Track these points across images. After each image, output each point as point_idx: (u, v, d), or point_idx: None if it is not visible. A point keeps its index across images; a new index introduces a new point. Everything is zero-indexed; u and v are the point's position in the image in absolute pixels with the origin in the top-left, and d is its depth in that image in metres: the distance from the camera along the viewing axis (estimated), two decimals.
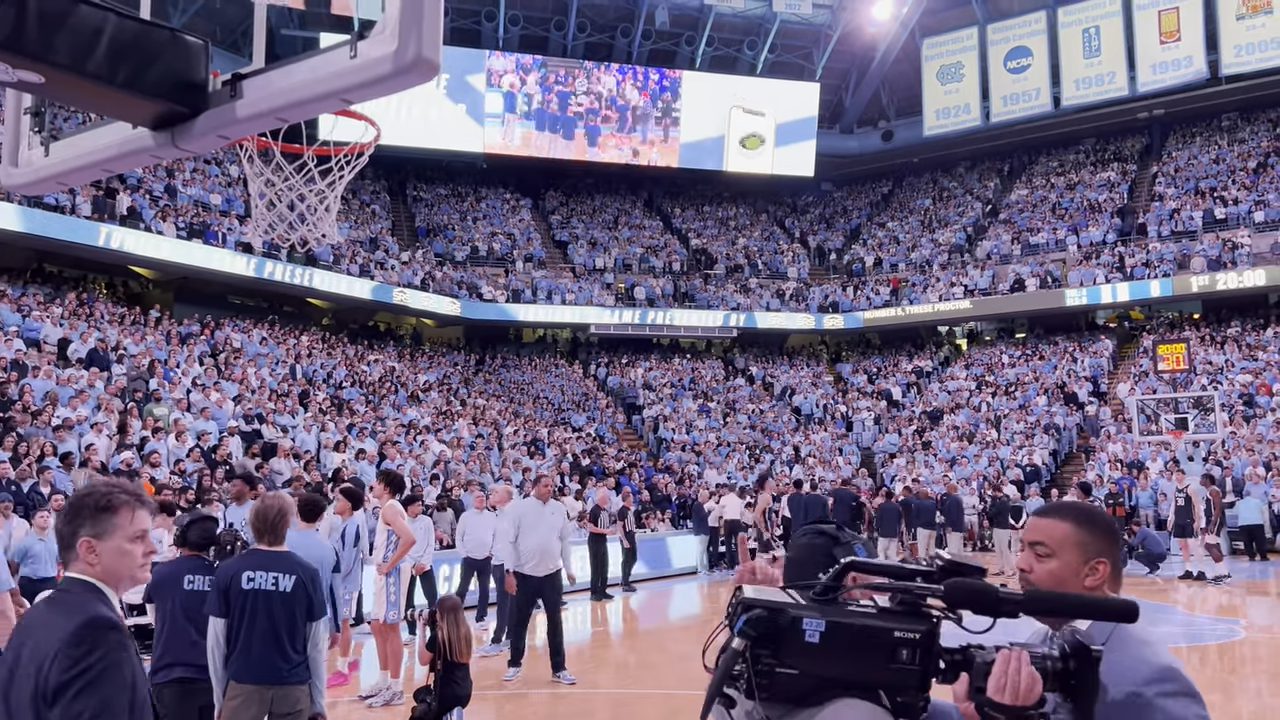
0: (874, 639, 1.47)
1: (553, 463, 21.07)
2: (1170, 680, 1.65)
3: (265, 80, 2.89)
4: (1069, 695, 1.48)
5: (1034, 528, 1.88)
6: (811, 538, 1.85)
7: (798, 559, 1.83)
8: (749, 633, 1.45)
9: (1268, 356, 25.82)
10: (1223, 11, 31.85)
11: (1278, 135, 33.73)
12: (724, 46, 37.57)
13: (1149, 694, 1.64)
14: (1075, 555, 1.82)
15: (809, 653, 1.46)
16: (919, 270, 34.43)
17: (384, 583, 8.21)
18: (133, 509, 2.19)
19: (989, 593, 1.50)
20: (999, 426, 26.45)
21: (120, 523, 2.17)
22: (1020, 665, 1.45)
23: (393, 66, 2.59)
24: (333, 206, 4.54)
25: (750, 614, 1.46)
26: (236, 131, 3.03)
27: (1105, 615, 1.56)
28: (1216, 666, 9.53)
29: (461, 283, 30.65)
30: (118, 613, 2.12)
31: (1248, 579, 16.00)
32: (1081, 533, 1.84)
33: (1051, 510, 1.91)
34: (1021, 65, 35.23)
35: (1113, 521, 1.94)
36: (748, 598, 1.49)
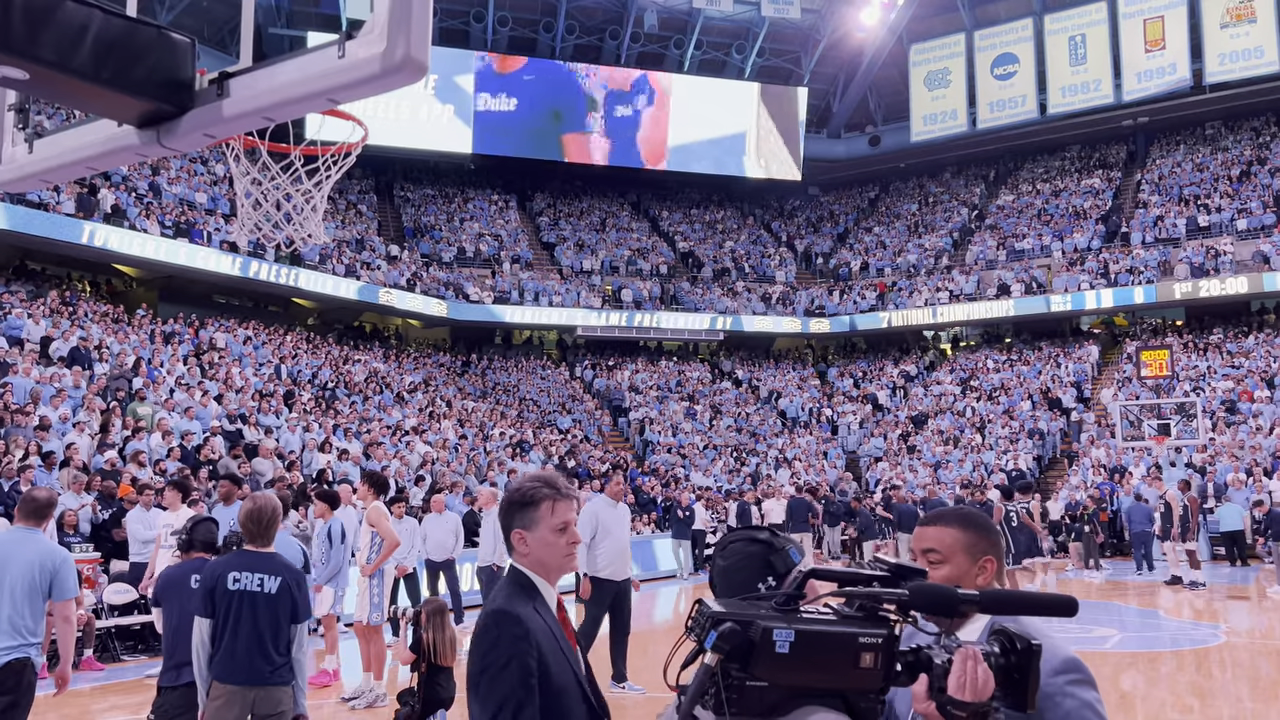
0: (840, 646, 1.48)
1: (538, 465, 21.03)
2: (1076, 670, 1.79)
3: (252, 79, 2.87)
4: (1009, 688, 1.52)
5: (924, 536, 1.98)
6: (746, 545, 1.81)
7: (734, 566, 1.80)
8: (723, 647, 1.43)
9: (1250, 363, 26.03)
10: (1207, 20, 32.12)
11: (1260, 144, 34.04)
12: (712, 50, 37.64)
13: (1059, 683, 1.76)
14: (965, 558, 1.94)
15: (779, 664, 1.45)
16: (905, 275, 34.56)
17: (367, 584, 8.18)
18: (554, 501, 2.33)
19: (949, 594, 1.53)
20: (983, 431, 26.57)
21: (542, 515, 2.32)
22: (976, 663, 1.49)
23: (381, 67, 2.58)
24: (319, 206, 4.51)
25: (722, 628, 1.44)
26: (223, 131, 3.01)
27: (1050, 611, 1.59)
28: (1196, 671, 9.59)
29: (448, 284, 30.58)
30: (547, 601, 2.28)
31: (1228, 584, 16.12)
32: (968, 536, 1.95)
33: (937, 518, 2.00)
34: (1008, 72, 35.43)
35: (992, 523, 2.04)
36: (717, 611, 1.47)
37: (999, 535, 2.03)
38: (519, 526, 2.33)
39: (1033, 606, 1.62)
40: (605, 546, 8.01)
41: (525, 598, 2.27)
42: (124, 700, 8.29)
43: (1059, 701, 1.76)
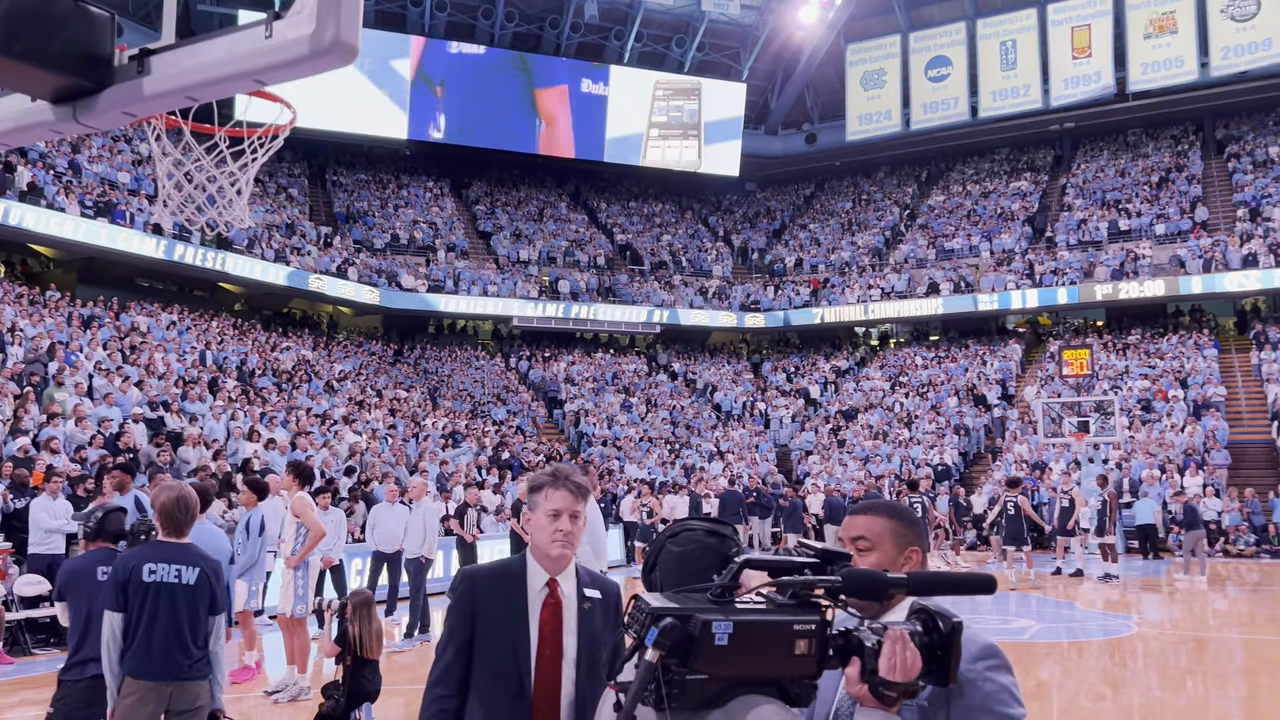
0: (776, 634, 1.50)
1: (470, 456, 20.87)
2: (994, 656, 1.85)
3: (175, 57, 2.79)
4: (933, 664, 1.56)
5: (853, 524, 2.04)
6: (704, 535, 1.86)
7: (691, 554, 1.83)
8: (664, 643, 1.44)
9: (1165, 364, 26.98)
10: (1131, 30, 33.11)
11: (1179, 151, 35.24)
12: (652, 43, 37.64)
13: (980, 668, 1.82)
14: (893, 546, 2.00)
15: (718, 656, 1.46)
16: (839, 272, 35.05)
17: (292, 576, 8.03)
18: (550, 489, 2.56)
19: (880, 579, 1.57)
20: (911, 426, 27.10)
21: (539, 500, 2.56)
22: (905, 645, 1.53)
23: (309, 49, 2.52)
24: (245, 189, 4.40)
25: (663, 624, 1.44)
26: (143, 109, 2.92)
27: (973, 590, 1.65)
28: (1109, 660, 9.92)
29: (381, 271, 30.12)
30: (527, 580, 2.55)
31: (1141, 576, 16.71)
32: (896, 525, 2.02)
33: (867, 508, 2.08)
34: (941, 74, 36.09)
35: (919, 517, 2.12)
36: (657, 607, 1.47)
37: (925, 529, 2.10)
38: (528, 508, 2.61)
39: (957, 587, 1.65)
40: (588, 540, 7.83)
41: (503, 569, 2.59)
42: (36, 695, 8.01)
43: (979, 685, 1.82)
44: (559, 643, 2.49)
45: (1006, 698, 1.83)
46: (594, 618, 2.57)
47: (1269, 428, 23.46)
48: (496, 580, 2.57)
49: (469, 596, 2.53)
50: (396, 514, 11.60)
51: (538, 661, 2.45)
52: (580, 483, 2.59)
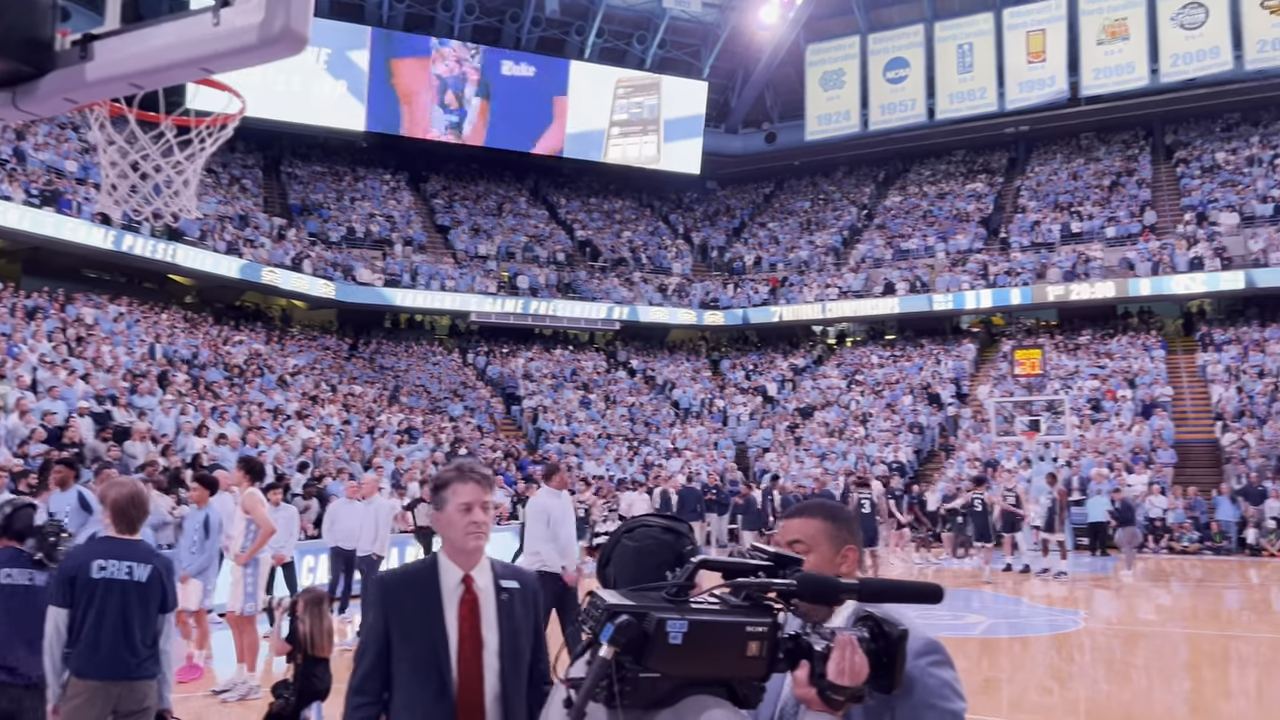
0: (729, 635, 1.50)
1: (427, 452, 20.70)
2: (936, 652, 1.89)
3: (119, 43, 2.72)
4: (878, 671, 1.58)
5: (790, 528, 2.06)
6: (660, 532, 1.86)
7: (647, 549, 1.83)
8: (619, 640, 1.44)
9: (1114, 364, 27.52)
10: (1085, 36, 33.70)
11: (1129, 156, 35.95)
12: (613, 39, 37.59)
13: (922, 664, 1.86)
14: (829, 547, 2.02)
15: (672, 655, 1.46)
16: (797, 271, 35.28)
17: (241, 573, 7.91)
18: (458, 484, 2.56)
19: (833, 584, 1.59)
20: (867, 424, 27.37)
21: (448, 496, 2.56)
22: (854, 649, 1.55)
23: (258, 37, 2.47)
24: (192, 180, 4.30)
25: (619, 620, 1.44)
26: (85, 96, 2.85)
27: (920, 599, 1.67)
28: (1056, 655, 10.10)
29: (336, 264, 29.75)
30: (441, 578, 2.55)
31: (1089, 572, 17.03)
32: (831, 526, 2.05)
33: (801, 510, 2.10)
34: (900, 76, 36.45)
35: (851, 514, 2.18)
36: (613, 604, 1.47)
37: (858, 526, 2.14)
38: (435, 508, 2.60)
39: (905, 595, 1.67)
40: (563, 539, 7.74)
41: (416, 570, 2.61)
42: None
43: (923, 681, 1.85)
44: (479, 637, 2.51)
45: (949, 692, 1.88)
46: (513, 608, 2.58)
47: (1213, 427, 24.03)
48: (409, 582, 2.58)
49: (382, 602, 2.53)
50: (355, 510, 11.48)
51: (459, 658, 2.47)
52: (486, 473, 2.61)
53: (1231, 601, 14.15)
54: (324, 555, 13.13)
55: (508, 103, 35.16)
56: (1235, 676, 9.15)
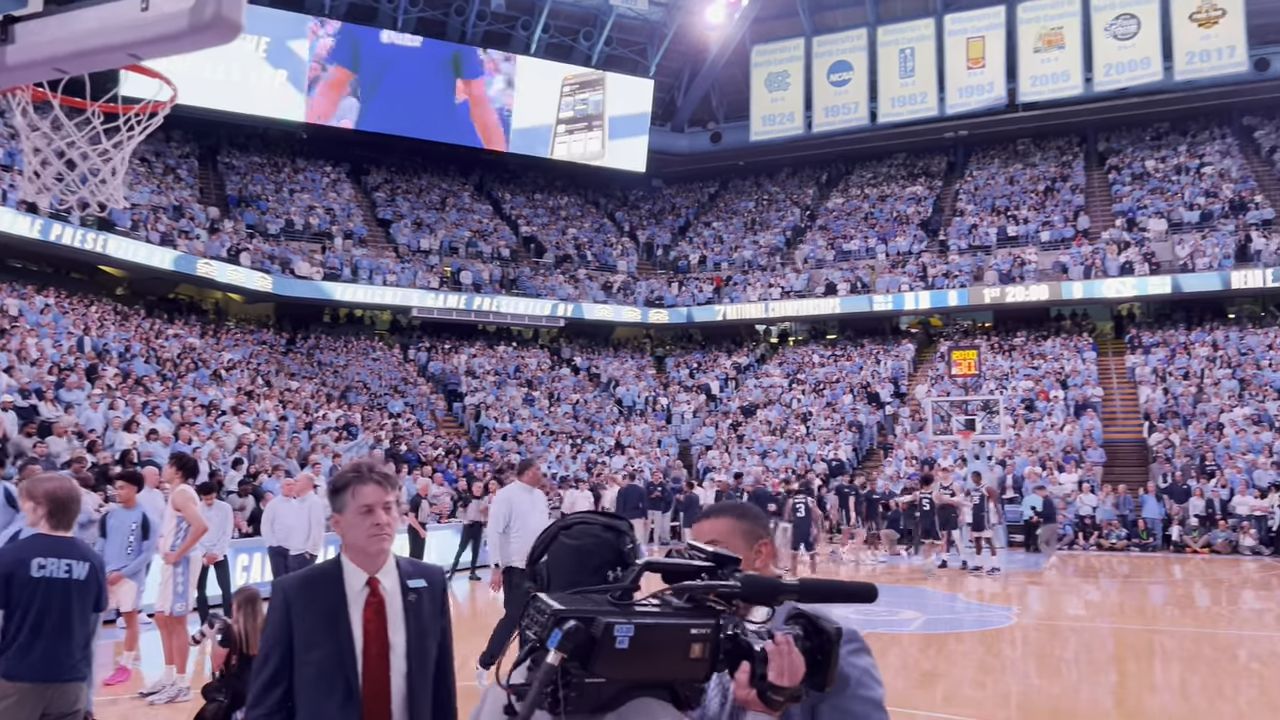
0: (674, 638, 1.49)
1: (366, 449, 20.42)
2: (854, 640, 1.91)
3: (42, 26, 2.63)
4: (812, 669, 1.58)
5: (703, 529, 2.09)
6: (601, 530, 1.82)
7: (588, 549, 1.79)
8: (567, 645, 1.40)
9: (1047, 365, 28.19)
10: (1022, 43, 34.44)
11: (1064, 162, 36.85)
12: (560, 34, 37.44)
13: (842, 653, 1.85)
14: (744, 543, 2.04)
15: (618, 659, 1.44)
16: (741, 270, 35.52)
17: (171, 572, 7.72)
18: (357, 486, 2.48)
19: (776, 585, 1.57)
20: (808, 422, 27.67)
21: (347, 499, 2.49)
22: (792, 649, 1.55)
23: (189, 23, 2.41)
24: (119, 168, 4.16)
25: (567, 626, 1.41)
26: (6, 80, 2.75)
27: (856, 598, 1.68)
28: (989, 650, 10.31)
29: (274, 257, 29.19)
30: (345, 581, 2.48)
31: (1022, 569, 17.42)
32: (743, 523, 2.08)
33: (712, 512, 2.13)
34: (843, 79, 36.88)
35: (761, 511, 2.21)
36: (559, 609, 1.43)
37: (768, 521, 2.18)
38: (334, 511, 2.53)
39: (842, 595, 1.67)
40: (519, 535, 7.68)
41: (318, 574, 2.53)
42: None
43: (844, 671, 1.87)
44: (385, 640, 2.45)
45: (868, 679, 1.91)
46: (421, 608, 2.53)
47: (1141, 427, 24.74)
48: (311, 587, 2.49)
49: (283, 609, 2.45)
50: (293, 508, 11.27)
51: (364, 662, 2.42)
52: (387, 473, 2.54)
53: (1156, 597, 14.59)
54: (259, 554, 12.89)
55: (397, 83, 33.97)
56: (1159, 670, 9.43)
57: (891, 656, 9.53)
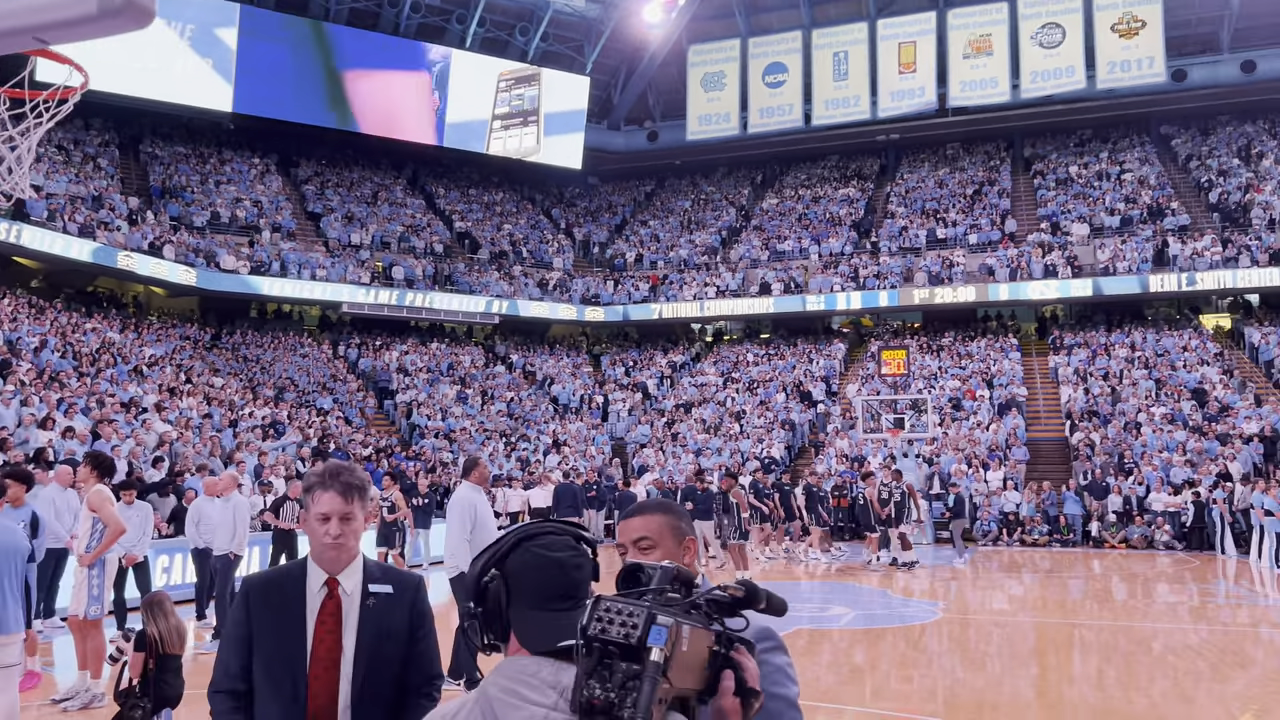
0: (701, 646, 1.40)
1: (293, 447, 20.01)
2: (770, 639, 1.95)
3: None
4: None
5: (631, 527, 2.11)
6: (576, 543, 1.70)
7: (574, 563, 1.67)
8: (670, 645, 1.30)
9: (974, 365, 28.83)
10: (952, 49, 35.16)
11: (991, 166, 37.72)
12: (495, 29, 37.14)
13: (758, 651, 1.83)
14: (672, 540, 2.07)
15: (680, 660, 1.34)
16: (677, 269, 35.65)
17: (85, 575, 7.45)
18: (317, 491, 2.48)
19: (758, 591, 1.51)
20: (741, 420, 27.89)
21: (310, 503, 2.49)
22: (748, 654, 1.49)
23: (98, 7, 2.31)
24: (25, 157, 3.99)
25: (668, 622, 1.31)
26: None
27: (775, 611, 1.60)
28: (916, 645, 10.50)
29: (199, 250, 28.42)
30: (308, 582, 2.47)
31: (948, 565, 17.77)
32: (671, 519, 2.10)
33: (640, 509, 2.16)
34: (778, 81, 37.23)
35: (682, 508, 2.25)
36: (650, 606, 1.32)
37: (689, 518, 2.21)
38: (303, 509, 2.58)
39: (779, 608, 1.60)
40: (479, 538, 7.38)
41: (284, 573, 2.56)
42: None
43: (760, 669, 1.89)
44: (337, 643, 2.44)
45: (781, 677, 1.94)
46: (380, 613, 2.50)
47: (1063, 426, 25.45)
48: (275, 585, 2.51)
49: (244, 605, 2.48)
50: (217, 507, 10.98)
51: (312, 663, 2.41)
52: (352, 481, 2.49)
53: (1076, 591, 15.01)
54: (180, 555, 12.56)
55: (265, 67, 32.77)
56: (1078, 662, 9.70)
57: (822, 652, 9.65)
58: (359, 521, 2.50)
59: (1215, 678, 8.58)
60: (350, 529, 2.48)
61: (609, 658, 1.31)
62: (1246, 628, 11.63)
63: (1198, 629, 11.31)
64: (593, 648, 1.32)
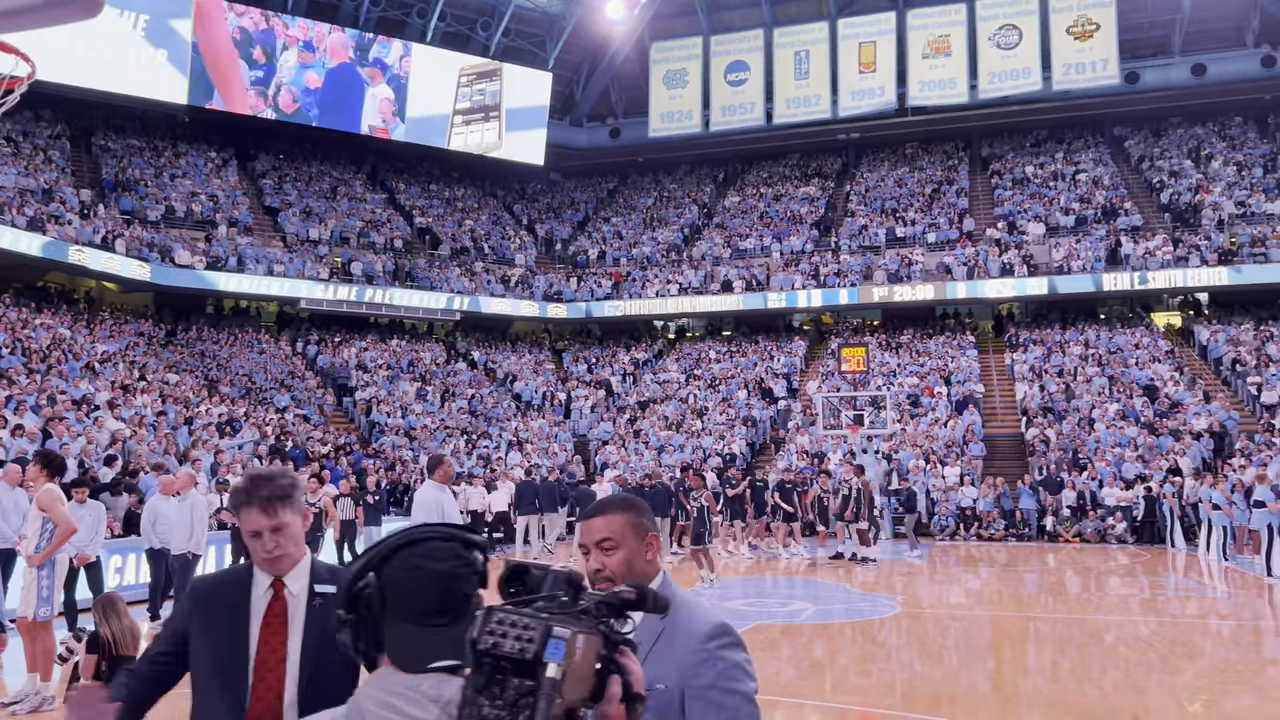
0: (593, 653, 1.31)
1: (250, 445, 19.75)
2: (725, 635, 1.96)
3: None
4: None
5: (594, 528, 2.07)
6: (464, 550, 1.60)
7: (457, 575, 1.60)
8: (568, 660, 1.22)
9: (932, 362, 29.17)
10: (912, 49, 35.49)
11: (949, 166, 38.16)
12: (456, 23, 36.87)
13: (711, 648, 1.93)
14: (635, 538, 2.06)
15: (574, 672, 1.25)
16: (640, 266, 35.66)
17: (35, 576, 7.30)
18: (242, 509, 2.41)
19: (656, 593, 1.48)
20: (703, 417, 27.97)
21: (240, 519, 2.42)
22: (633, 656, 1.43)
23: None
24: None
25: (565, 635, 1.22)
26: None
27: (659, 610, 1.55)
28: (874, 639, 10.61)
29: (153, 245, 27.92)
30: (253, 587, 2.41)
31: (906, 560, 17.97)
32: (633, 518, 2.08)
33: (601, 508, 2.12)
34: (740, 79, 37.35)
35: (644, 503, 2.21)
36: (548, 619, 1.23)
37: (652, 514, 2.18)
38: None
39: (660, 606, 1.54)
40: None
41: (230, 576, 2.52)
42: None
43: (712, 665, 1.91)
44: (282, 644, 2.40)
45: (738, 674, 1.93)
46: (326, 614, 2.45)
47: (1019, 423, 25.83)
48: (221, 587, 2.48)
49: (189, 607, 2.46)
50: (174, 506, 10.80)
51: (257, 665, 2.37)
52: (272, 494, 2.41)
53: (1031, 585, 15.25)
54: (133, 555, 12.35)
55: None
56: (1033, 654, 9.86)
57: (782, 647, 9.71)
58: (294, 526, 2.43)
59: (1165, 669, 8.77)
60: (285, 537, 2.41)
61: (501, 673, 1.22)
62: (1195, 619, 11.89)
63: (1148, 621, 11.55)
64: (483, 663, 1.23)
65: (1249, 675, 8.65)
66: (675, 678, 1.93)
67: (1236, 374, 25.67)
